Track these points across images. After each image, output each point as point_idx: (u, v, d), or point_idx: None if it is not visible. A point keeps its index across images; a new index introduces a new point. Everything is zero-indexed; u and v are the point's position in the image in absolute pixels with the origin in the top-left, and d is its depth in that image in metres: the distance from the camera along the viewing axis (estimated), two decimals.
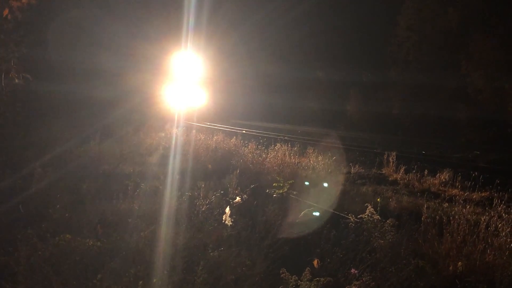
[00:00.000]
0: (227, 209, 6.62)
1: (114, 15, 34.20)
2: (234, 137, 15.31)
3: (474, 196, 8.48)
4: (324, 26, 40.72)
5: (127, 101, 30.08)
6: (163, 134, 17.74)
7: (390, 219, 5.75)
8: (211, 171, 10.07)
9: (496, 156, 15.31)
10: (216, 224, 6.17)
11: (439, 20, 30.04)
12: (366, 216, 5.91)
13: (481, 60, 25.27)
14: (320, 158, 12.92)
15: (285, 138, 19.36)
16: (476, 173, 10.66)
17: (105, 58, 32.65)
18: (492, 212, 7.24)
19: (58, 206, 6.86)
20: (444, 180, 9.82)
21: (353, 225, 5.72)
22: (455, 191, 8.83)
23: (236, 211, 6.72)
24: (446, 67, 28.65)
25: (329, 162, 11.94)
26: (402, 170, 10.89)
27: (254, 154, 12.71)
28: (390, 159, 11.67)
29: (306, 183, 8.87)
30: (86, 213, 6.73)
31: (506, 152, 16.57)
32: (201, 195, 7.83)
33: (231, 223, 6.17)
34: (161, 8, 36.66)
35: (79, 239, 5.48)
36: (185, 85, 33.27)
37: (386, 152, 12.42)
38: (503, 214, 7.11)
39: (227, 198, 7.55)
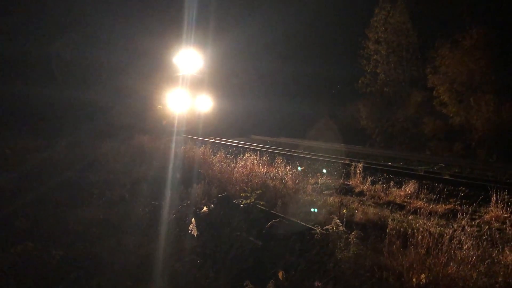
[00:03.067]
0: (194, 219, 6.56)
1: (111, 10, 33.33)
2: (203, 145, 15.27)
3: (438, 208, 8.59)
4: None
5: (121, 105, 29.66)
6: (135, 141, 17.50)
7: (355, 231, 5.77)
8: (179, 181, 9.97)
9: (460, 169, 15.57)
10: (182, 234, 6.10)
11: (404, 35, 30.65)
12: (331, 228, 5.92)
13: (446, 74, 25.78)
14: (288, 168, 12.95)
15: (254, 147, 19.36)
16: (441, 185, 10.83)
17: (98, 53, 32.24)
18: (455, 225, 7.36)
19: (20, 214, 6.70)
20: (409, 192, 9.93)
21: (319, 236, 5.72)
22: (419, 203, 8.92)
23: (203, 221, 6.66)
24: (412, 81, 29.16)
25: (297, 173, 11.97)
26: (368, 181, 10.97)
27: (223, 163, 12.66)
28: (357, 170, 11.75)
29: (274, 193, 8.86)
30: (50, 221, 6.59)
31: (470, 165, 16.87)
32: (168, 204, 7.76)
33: (197, 233, 6.10)
34: (162, 6, 35.91)
35: (42, 248, 5.36)
36: (187, 88, 31.26)
37: (353, 163, 12.51)
38: (467, 227, 7.22)
39: (194, 208, 7.48)
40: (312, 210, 7.82)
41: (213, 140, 23.86)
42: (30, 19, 29.44)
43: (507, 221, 7.65)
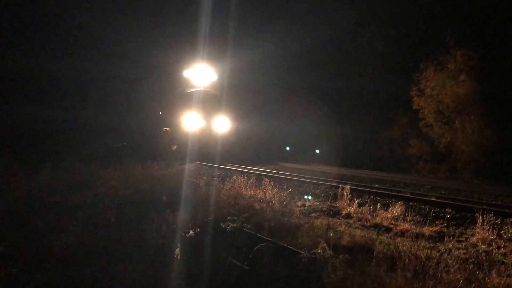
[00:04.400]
0: (180, 244, 6.51)
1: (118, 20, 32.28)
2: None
3: (425, 231, 8.60)
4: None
5: (126, 125, 27.85)
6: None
7: (342, 255, 5.76)
8: (165, 204, 9.90)
9: (446, 190, 15.65)
10: (168, 259, 6.05)
11: (389, 56, 30.96)
12: (318, 252, 5.91)
13: (431, 96, 26.06)
14: (275, 190, 12.93)
15: (240, 169, 19.34)
16: (427, 207, 10.86)
17: (102, 67, 29.97)
18: (442, 248, 7.38)
19: (3, 239, 6.62)
20: (396, 214, 9.95)
21: (306, 260, 5.70)
22: (406, 225, 8.93)
23: (189, 245, 6.61)
24: (398, 103, 29.41)
25: (284, 195, 11.95)
26: (355, 204, 10.98)
27: (210, 186, 12.61)
28: (344, 192, 11.76)
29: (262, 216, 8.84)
30: (33, 246, 6.51)
31: (456, 186, 16.97)
32: (154, 228, 7.69)
33: (183, 258, 6.06)
34: (176, 20, 34.04)
35: (25, 273, 5.29)
36: (202, 106, 25.97)
37: (340, 185, 12.52)
38: (453, 250, 7.25)
39: (181, 232, 7.42)
40: (299, 233, 7.79)
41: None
42: (32, 33, 28.83)
43: (493, 243, 7.68)
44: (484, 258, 6.82)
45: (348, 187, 12.11)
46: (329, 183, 15.17)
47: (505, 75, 22.22)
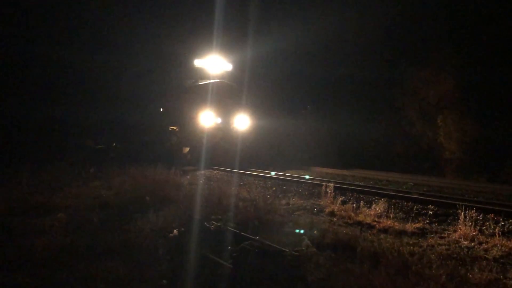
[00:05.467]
0: (163, 243, 6.50)
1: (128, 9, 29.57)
2: (173, 167, 15.04)
3: (408, 227, 8.66)
4: None
5: (131, 122, 24.23)
6: None
7: (326, 252, 5.79)
8: (148, 204, 9.85)
9: (429, 188, 15.78)
10: (151, 259, 6.03)
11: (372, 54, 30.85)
12: (302, 249, 5.93)
13: (414, 94, 26.24)
14: (259, 189, 12.96)
15: (225, 169, 19.21)
16: (410, 204, 10.94)
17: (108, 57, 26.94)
18: (425, 244, 7.45)
19: None
20: (379, 211, 10.00)
21: (290, 258, 5.71)
22: (389, 222, 8.98)
23: (173, 245, 6.59)
24: (382, 100, 29.43)
25: (268, 194, 11.97)
26: (339, 201, 11.02)
27: (193, 185, 12.60)
28: (328, 190, 11.80)
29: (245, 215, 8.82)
30: (14, 248, 6.44)
31: (438, 183, 17.12)
32: (137, 228, 7.66)
33: (167, 258, 6.04)
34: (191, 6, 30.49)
35: (7, 275, 5.24)
36: (219, 102, 21.67)
37: (324, 183, 12.56)
38: (436, 246, 7.31)
39: (164, 232, 7.40)
40: (284, 231, 7.80)
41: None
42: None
43: (475, 239, 7.76)
44: (466, 254, 6.89)
45: (332, 185, 12.16)
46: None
47: (486, 72, 22.43)
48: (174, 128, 22.96)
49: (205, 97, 21.41)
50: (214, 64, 22.73)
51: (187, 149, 21.82)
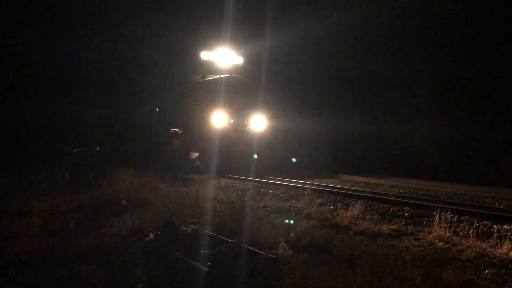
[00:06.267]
0: (139, 247, 6.46)
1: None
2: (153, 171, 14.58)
3: (384, 229, 8.73)
4: None
5: (130, 120, 21.90)
6: None
7: (302, 254, 5.80)
8: (125, 207, 9.78)
9: (405, 189, 15.88)
10: (127, 263, 5.99)
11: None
12: (279, 252, 5.93)
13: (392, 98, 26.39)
14: (238, 192, 12.94)
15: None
16: (386, 206, 11.03)
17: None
18: (400, 246, 7.52)
19: None
20: (356, 213, 10.08)
21: (266, 261, 5.71)
22: (365, 224, 9.06)
23: (149, 248, 6.55)
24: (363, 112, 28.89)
25: (246, 197, 11.96)
26: (316, 203, 11.08)
27: (171, 189, 12.53)
28: (306, 192, 11.86)
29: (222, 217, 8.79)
30: None
31: (414, 185, 17.21)
32: (112, 232, 7.60)
33: (143, 261, 6.00)
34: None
35: None
36: (231, 99, 19.31)
37: (302, 186, 12.61)
38: (411, 248, 7.39)
39: (141, 235, 7.35)
40: (261, 234, 7.80)
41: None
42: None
43: (450, 240, 7.85)
44: (440, 255, 6.98)
45: (309, 187, 12.22)
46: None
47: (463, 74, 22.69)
48: (177, 130, 20.45)
49: (216, 94, 18.98)
50: (223, 57, 20.31)
51: (195, 154, 19.30)
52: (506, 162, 20.95)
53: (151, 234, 7.15)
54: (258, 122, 19.99)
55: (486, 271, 6.17)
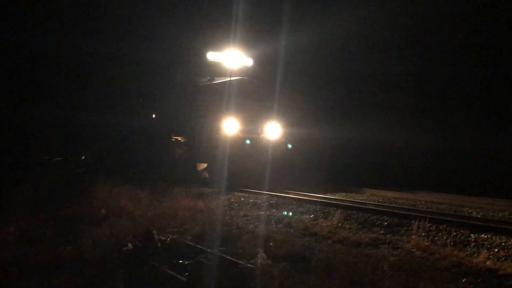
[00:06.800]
0: (117, 257, 6.40)
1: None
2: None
3: (363, 238, 8.76)
4: None
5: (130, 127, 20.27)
6: None
7: (281, 264, 5.80)
8: (103, 217, 9.69)
9: (384, 198, 15.88)
10: (104, 273, 5.93)
11: None
12: (258, 261, 5.93)
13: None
14: (217, 201, 12.88)
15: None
16: (365, 215, 11.07)
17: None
18: (379, 255, 7.55)
19: None
20: (335, 222, 10.11)
21: (245, 270, 5.70)
22: (345, 233, 9.08)
23: (127, 258, 6.50)
24: None
25: (226, 205, 11.94)
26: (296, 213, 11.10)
27: (151, 199, 12.43)
28: (286, 201, 11.89)
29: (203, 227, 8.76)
30: None
31: (393, 194, 17.18)
32: (91, 241, 7.52)
33: (120, 272, 5.95)
34: None
35: None
36: (242, 104, 17.53)
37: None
38: (389, 257, 7.42)
39: (119, 245, 7.28)
40: (240, 243, 7.79)
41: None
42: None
43: (428, 249, 7.90)
44: (418, 264, 7.02)
45: (289, 196, 12.23)
46: None
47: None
48: (179, 138, 18.67)
49: (226, 99, 17.27)
50: (231, 58, 18.48)
51: (203, 165, 17.36)
52: (485, 171, 20.91)
53: (129, 244, 7.10)
54: (273, 130, 18.34)
55: (464, 280, 6.22)
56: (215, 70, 18.63)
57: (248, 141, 17.49)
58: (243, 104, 17.69)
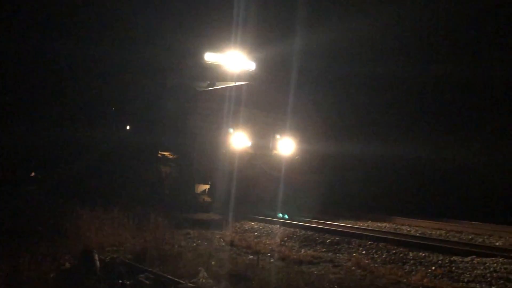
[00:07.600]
0: (55, 275, 6.22)
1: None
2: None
3: (304, 256, 8.82)
4: None
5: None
6: None
7: (222, 283, 5.78)
8: (42, 234, 9.38)
9: (327, 216, 15.92)
10: None
11: None
12: (200, 280, 5.89)
13: None
14: (160, 220, 12.68)
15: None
16: (308, 233, 11.18)
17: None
18: (321, 272, 7.63)
19: None
20: (278, 240, 10.17)
21: None
22: (287, 252, 9.15)
23: (64, 277, 6.32)
24: None
25: (170, 224, 11.75)
26: (239, 231, 11.09)
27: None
28: (229, 220, 11.87)
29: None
30: None
31: (335, 212, 17.36)
32: (27, 261, 7.27)
33: None
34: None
35: None
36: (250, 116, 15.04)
37: (224, 214, 12.55)
38: (330, 275, 7.50)
39: (57, 264, 7.07)
40: (182, 262, 7.71)
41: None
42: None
43: (367, 267, 8.04)
44: (359, 282, 7.13)
45: (231, 215, 12.20)
46: None
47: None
48: (166, 153, 15.81)
49: (229, 107, 14.67)
50: (232, 60, 15.92)
51: (203, 187, 14.59)
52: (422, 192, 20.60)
53: (67, 263, 6.91)
54: (285, 147, 15.86)
55: None
56: (213, 73, 15.98)
57: (257, 159, 15.15)
58: (251, 114, 15.34)
